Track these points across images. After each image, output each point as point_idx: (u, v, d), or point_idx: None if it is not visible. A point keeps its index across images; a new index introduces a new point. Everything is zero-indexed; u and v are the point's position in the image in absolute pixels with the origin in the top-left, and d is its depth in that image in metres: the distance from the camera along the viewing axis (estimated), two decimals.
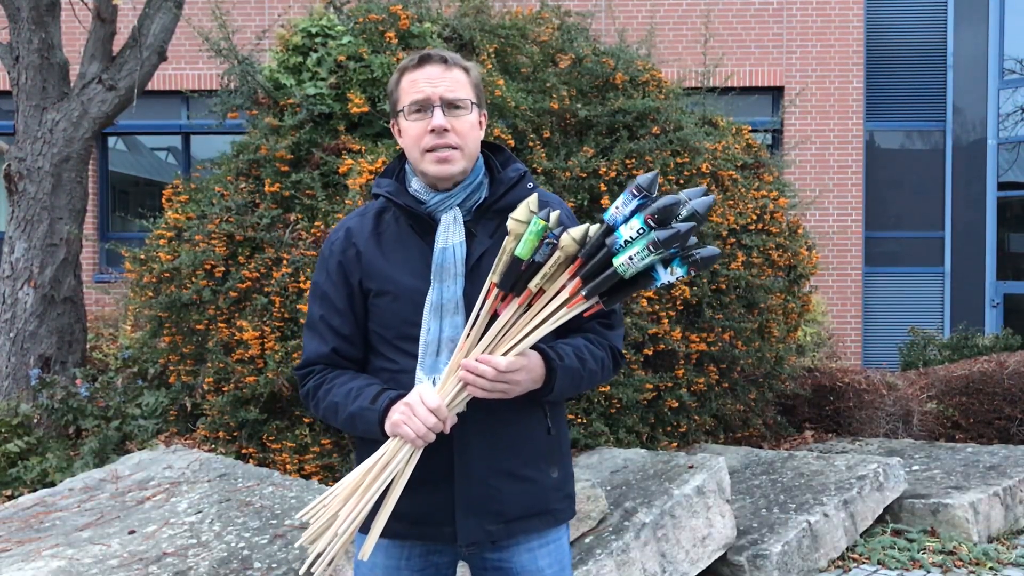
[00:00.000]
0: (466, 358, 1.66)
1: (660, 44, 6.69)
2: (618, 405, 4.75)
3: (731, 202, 5.23)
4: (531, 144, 4.94)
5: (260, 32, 5.81)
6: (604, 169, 4.91)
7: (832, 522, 4.03)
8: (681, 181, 5.11)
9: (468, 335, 1.68)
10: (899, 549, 4.11)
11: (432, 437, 1.66)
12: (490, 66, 4.93)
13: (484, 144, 1.88)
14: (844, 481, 4.30)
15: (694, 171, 5.13)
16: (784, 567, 3.76)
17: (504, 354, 1.66)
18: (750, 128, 6.09)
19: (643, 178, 1.60)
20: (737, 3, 9.92)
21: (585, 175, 4.94)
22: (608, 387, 4.65)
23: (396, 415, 1.67)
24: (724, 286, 5.07)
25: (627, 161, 5.00)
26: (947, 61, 10.22)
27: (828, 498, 4.13)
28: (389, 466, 1.66)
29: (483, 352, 1.66)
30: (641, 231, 1.57)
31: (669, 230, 1.55)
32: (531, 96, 5.01)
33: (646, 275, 1.59)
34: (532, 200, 1.65)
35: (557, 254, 1.63)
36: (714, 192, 5.20)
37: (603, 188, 4.93)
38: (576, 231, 1.62)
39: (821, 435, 5.96)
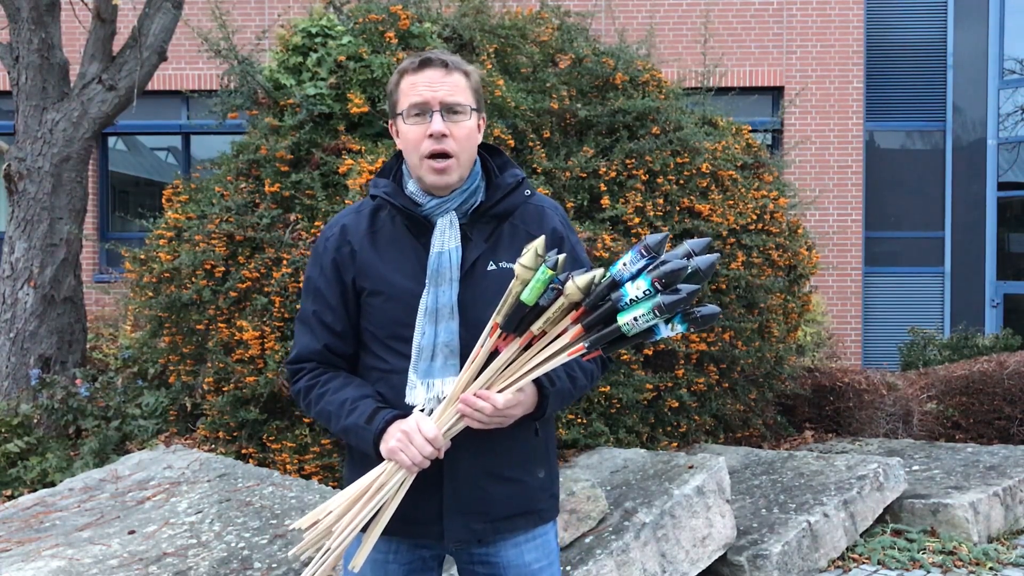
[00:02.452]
0: (464, 392, 1.68)
1: (660, 44, 6.69)
2: (618, 405, 4.75)
3: (731, 202, 5.23)
4: (531, 144, 4.94)
5: (260, 32, 5.81)
6: (604, 169, 4.91)
7: (832, 522, 4.03)
8: (681, 181, 5.11)
9: (468, 369, 1.69)
10: (899, 549, 4.11)
11: (427, 464, 1.69)
12: (490, 66, 4.93)
13: (481, 146, 1.86)
14: (844, 481, 4.30)
15: (694, 171, 5.13)
16: (784, 567, 3.76)
17: (501, 390, 1.68)
18: (750, 128, 6.09)
19: (652, 238, 1.62)
20: (737, 3, 9.92)
21: (585, 175, 4.94)
22: (608, 387, 4.66)
23: (393, 441, 1.68)
24: (724, 286, 5.07)
25: (627, 161, 5.00)
26: (947, 61, 10.22)
27: (828, 498, 4.13)
28: (383, 488, 1.70)
29: (482, 387, 1.68)
30: (647, 292, 1.59)
31: (675, 295, 1.58)
32: (531, 96, 5.01)
33: (647, 330, 1.63)
34: (539, 244, 1.64)
35: (561, 300, 1.65)
36: (714, 192, 5.20)
37: (603, 188, 4.93)
38: (581, 280, 1.63)
39: (821, 435, 5.96)
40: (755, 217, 5.28)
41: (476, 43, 5.08)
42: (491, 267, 1.78)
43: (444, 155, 1.75)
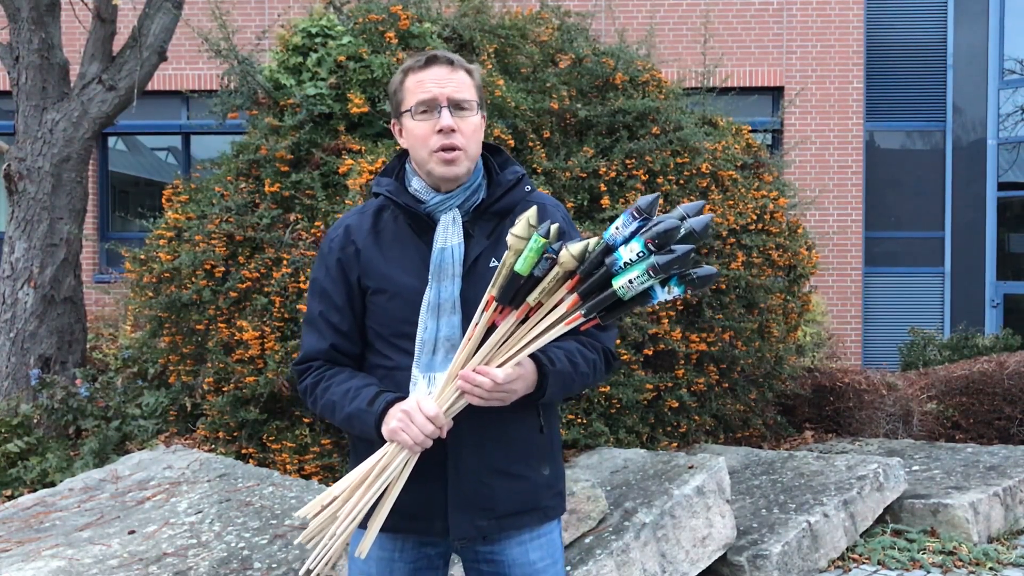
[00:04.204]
0: (464, 368, 1.68)
1: (660, 44, 6.69)
2: (618, 405, 4.75)
3: (731, 202, 5.23)
4: (531, 144, 4.94)
5: (260, 32, 5.82)
6: (604, 169, 4.91)
7: (832, 522, 4.03)
8: (681, 181, 5.11)
9: (466, 345, 1.69)
10: (899, 549, 4.11)
11: (429, 444, 1.69)
12: (490, 66, 4.93)
13: (483, 145, 1.89)
14: (844, 481, 4.30)
15: (694, 171, 5.13)
16: (784, 567, 3.76)
17: (501, 365, 1.68)
18: (750, 128, 6.08)
19: (643, 200, 1.62)
20: (737, 3, 9.92)
21: (585, 175, 4.94)
22: (608, 387, 4.65)
23: (394, 422, 1.69)
24: (724, 286, 5.07)
25: (627, 161, 5.00)
26: (947, 61, 10.22)
27: (828, 498, 4.13)
28: (387, 470, 1.69)
29: (481, 362, 1.68)
30: (641, 254, 1.59)
31: (669, 255, 1.57)
32: (531, 96, 5.01)
33: (644, 294, 1.62)
34: (531, 214, 1.65)
35: (556, 269, 1.64)
36: (714, 192, 5.20)
37: (603, 188, 4.93)
38: (575, 248, 1.63)
39: (821, 435, 5.96)
40: (755, 217, 5.28)
41: (476, 43, 5.08)
42: (493, 263, 1.80)
43: (453, 149, 1.78)
